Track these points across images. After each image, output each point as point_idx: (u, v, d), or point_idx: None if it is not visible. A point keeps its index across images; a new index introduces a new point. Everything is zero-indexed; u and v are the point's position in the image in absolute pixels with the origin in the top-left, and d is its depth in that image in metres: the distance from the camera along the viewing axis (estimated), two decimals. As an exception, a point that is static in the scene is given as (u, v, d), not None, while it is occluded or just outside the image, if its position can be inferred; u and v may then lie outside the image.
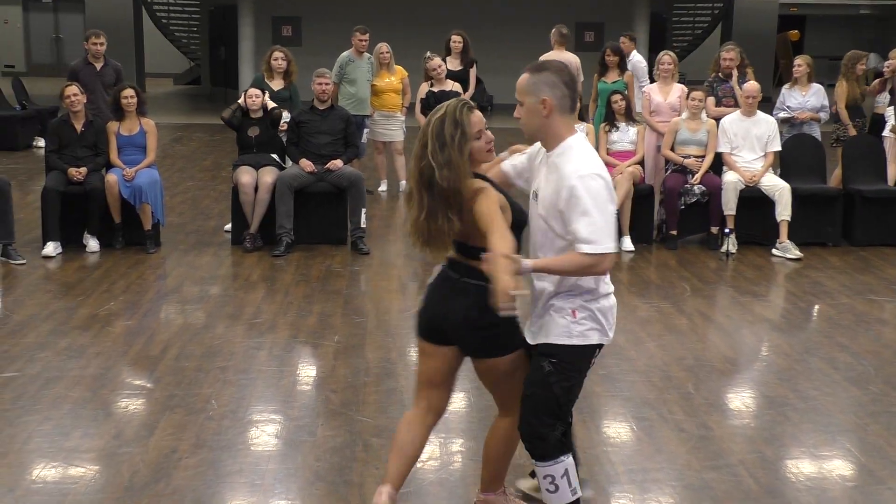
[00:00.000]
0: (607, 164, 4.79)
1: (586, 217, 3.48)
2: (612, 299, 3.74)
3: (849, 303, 7.50)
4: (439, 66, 10.08)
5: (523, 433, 3.77)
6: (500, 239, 3.41)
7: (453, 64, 10.97)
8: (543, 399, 3.69)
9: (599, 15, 22.59)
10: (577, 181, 3.50)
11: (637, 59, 11.23)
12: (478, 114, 3.70)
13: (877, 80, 10.96)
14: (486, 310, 3.46)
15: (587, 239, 3.47)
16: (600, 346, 3.74)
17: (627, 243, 8.99)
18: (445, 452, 4.78)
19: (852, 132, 10.38)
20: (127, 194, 8.55)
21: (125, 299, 7.28)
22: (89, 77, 9.84)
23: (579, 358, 3.70)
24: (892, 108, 10.42)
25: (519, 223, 3.73)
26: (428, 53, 10.29)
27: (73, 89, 8.66)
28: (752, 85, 9.28)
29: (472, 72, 11.09)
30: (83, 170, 8.52)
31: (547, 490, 3.76)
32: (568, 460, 3.74)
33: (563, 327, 3.66)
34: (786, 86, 10.30)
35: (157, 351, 6.15)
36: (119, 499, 4.25)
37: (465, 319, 3.70)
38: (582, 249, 3.48)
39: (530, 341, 3.80)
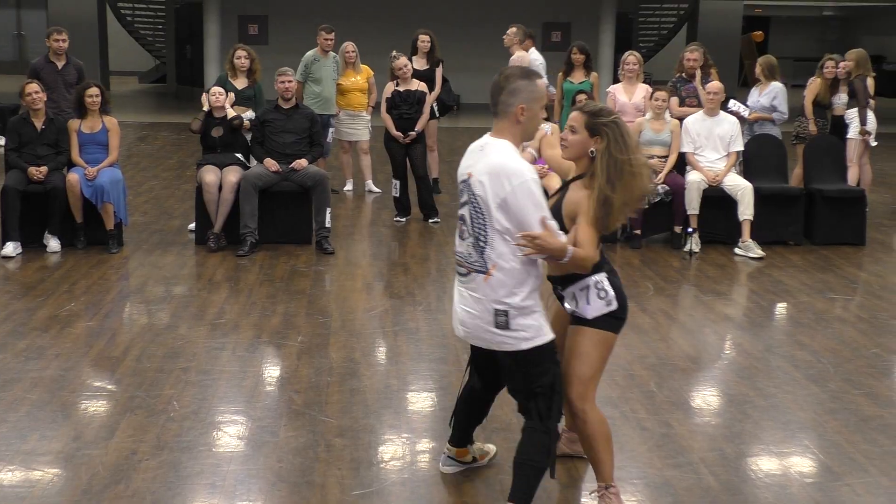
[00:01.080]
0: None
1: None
2: None
3: (809, 301, 7.58)
4: (405, 66, 10.06)
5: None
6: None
7: (420, 63, 10.97)
8: None
9: (566, 15, 22.67)
10: None
11: (534, 57, 11.24)
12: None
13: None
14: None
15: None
16: None
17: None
18: (409, 452, 4.78)
19: (812, 128, 10.49)
20: (89, 193, 8.48)
21: (86, 300, 7.22)
22: (51, 75, 9.73)
23: None
24: (853, 109, 10.54)
25: None
26: (394, 53, 10.27)
27: (33, 87, 8.57)
28: (715, 83, 9.35)
29: (439, 71, 11.09)
30: (43, 169, 8.44)
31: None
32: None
33: None
34: (755, 87, 10.42)
35: (118, 352, 6.10)
36: (77, 502, 4.21)
37: None
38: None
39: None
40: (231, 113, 9.06)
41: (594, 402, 4.07)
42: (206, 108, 9.06)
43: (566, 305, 4.08)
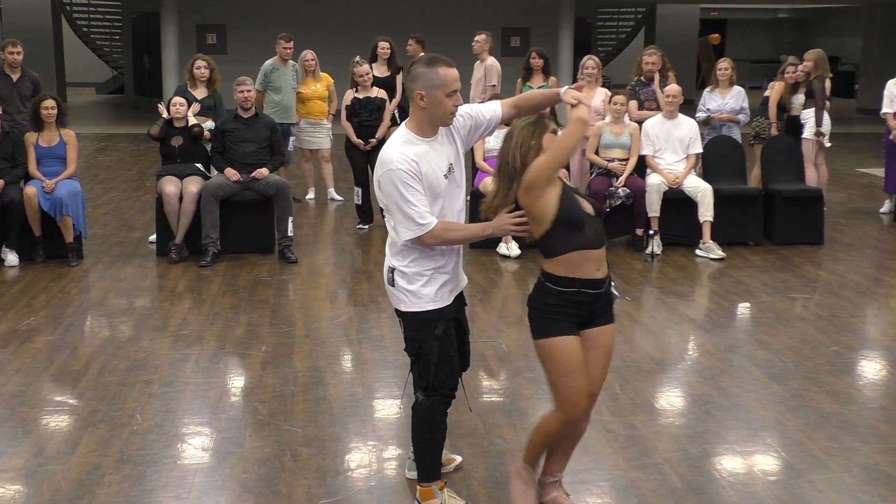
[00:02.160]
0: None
1: None
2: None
3: (770, 301, 7.66)
4: (366, 73, 10.06)
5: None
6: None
7: (380, 70, 10.97)
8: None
9: (525, 20, 22.77)
10: None
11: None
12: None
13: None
14: (530, 295, 4.04)
15: None
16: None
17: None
18: (376, 460, 4.77)
19: (774, 132, 10.61)
20: (47, 207, 8.40)
21: (46, 313, 7.14)
22: (5, 88, 9.63)
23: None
24: (810, 110, 10.67)
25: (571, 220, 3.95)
26: (357, 58, 10.27)
27: (-13, 100, 8.48)
28: (673, 86, 9.43)
29: (399, 78, 11.10)
30: (0, 182, 8.34)
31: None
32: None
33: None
34: (707, 88, 10.50)
35: (79, 366, 6.05)
36: (41, 518, 4.17)
37: None
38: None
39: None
40: (193, 120, 9.02)
41: None
42: (164, 115, 9.01)
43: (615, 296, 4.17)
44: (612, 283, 4.09)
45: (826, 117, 10.63)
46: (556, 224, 3.90)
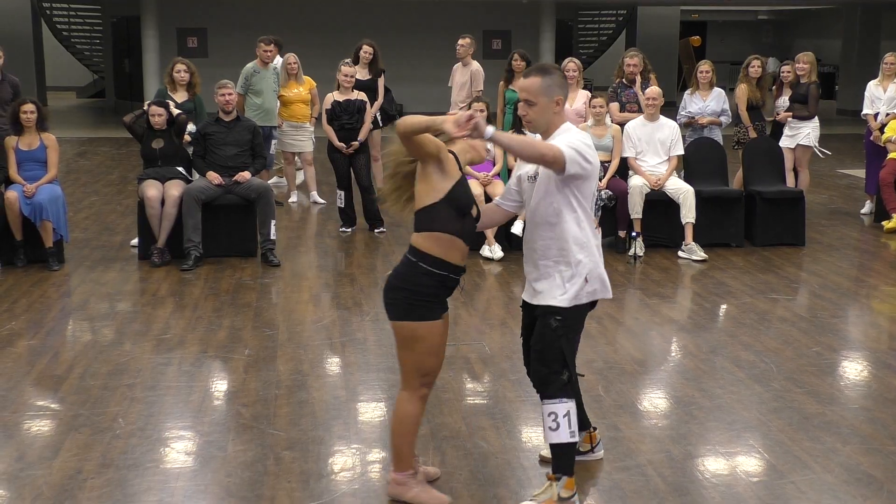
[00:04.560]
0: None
1: (562, 144, 4.09)
2: (593, 263, 4.35)
3: (751, 302, 7.69)
4: (349, 76, 10.04)
5: (534, 380, 4.32)
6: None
7: (362, 73, 10.96)
8: (551, 351, 4.20)
9: (506, 23, 22.81)
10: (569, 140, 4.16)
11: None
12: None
13: (775, 86, 11.28)
14: (396, 274, 4.12)
15: (556, 144, 4.07)
16: (593, 303, 4.37)
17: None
18: (359, 463, 4.77)
19: (752, 134, 10.65)
20: (27, 212, 8.35)
21: (27, 318, 7.10)
22: (-16, 92, 9.58)
23: (575, 316, 4.28)
24: (805, 120, 10.69)
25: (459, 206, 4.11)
26: (348, 60, 10.27)
27: (-32, 104, 8.43)
28: (652, 89, 9.46)
29: (381, 81, 11.10)
30: (-19, 186, 8.30)
31: (549, 428, 4.20)
32: (571, 403, 4.20)
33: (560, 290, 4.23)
34: (688, 91, 10.54)
35: (61, 370, 6.01)
36: (22, 523, 4.14)
37: (386, 282, 4.22)
38: (550, 142, 4.12)
39: (529, 301, 4.35)
40: (176, 111, 9.03)
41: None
42: (145, 107, 9.01)
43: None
44: None
45: (816, 124, 10.71)
46: (444, 201, 4.07)
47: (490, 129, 3.91)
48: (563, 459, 4.24)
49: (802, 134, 10.79)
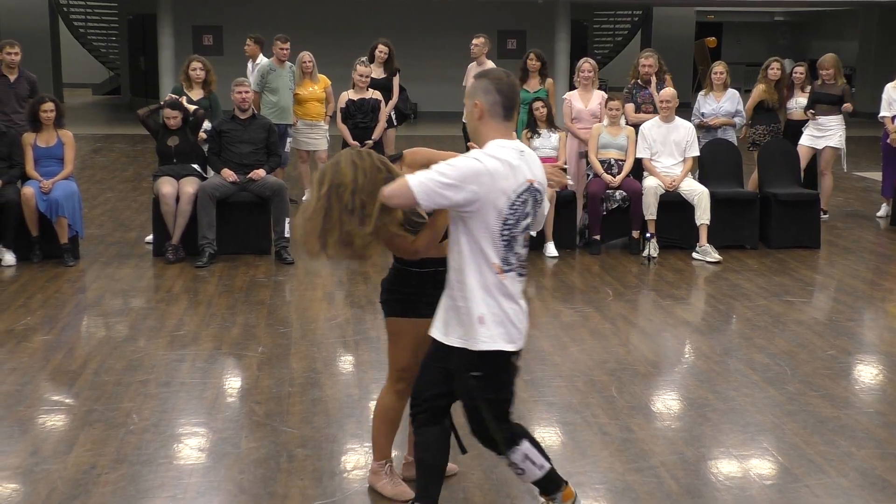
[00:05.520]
0: None
1: (423, 172, 3.53)
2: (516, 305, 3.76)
3: (766, 304, 7.66)
4: (364, 75, 10.05)
5: (479, 439, 4.01)
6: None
7: (377, 72, 10.97)
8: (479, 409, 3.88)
9: (521, 23, 22.79)
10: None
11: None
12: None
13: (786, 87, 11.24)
14: (388, 278, 4.19)
15: (407, 176, 3.52)
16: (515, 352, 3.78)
17: (551, 249, 9.08)
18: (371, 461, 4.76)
19: (744, 133, 10.66)
20: (44, 208, 8.39)
21: (43, 313, 7.13)
22: (2, 89, 9.60)
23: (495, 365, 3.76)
24: (836, 118, 10.69)
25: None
26: (364, 59, 10.29)
27: (-15, 101, 8.47)
28: (667, 91, 9.44)
29: (396, 80, 11.10)
30: (-3, 182, 8.34)
31: (517, 474, 4.06)
32: (523, 446, 3.99)
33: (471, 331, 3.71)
34: (702, 92, 10.52)
35: (76, 365, 6.04)
36: (36, 518, 4.16)
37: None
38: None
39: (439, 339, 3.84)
40: (192, 107, 9.07)
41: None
42: (162, 102, 9.05)
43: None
44: None
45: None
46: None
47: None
48: (546, 483, 4.07)
49: (835, 136, 10.73)
